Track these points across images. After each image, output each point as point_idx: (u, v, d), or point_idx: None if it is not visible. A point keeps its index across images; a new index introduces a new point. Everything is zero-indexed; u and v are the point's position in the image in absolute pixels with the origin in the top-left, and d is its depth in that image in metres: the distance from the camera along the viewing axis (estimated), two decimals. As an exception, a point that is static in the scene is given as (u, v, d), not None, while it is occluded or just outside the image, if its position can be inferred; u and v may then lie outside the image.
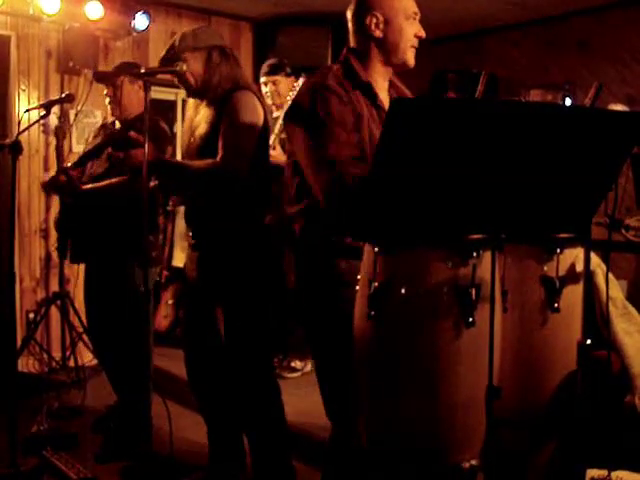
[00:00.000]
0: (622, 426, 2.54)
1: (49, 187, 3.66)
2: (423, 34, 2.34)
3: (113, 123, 3.77)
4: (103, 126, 3.91)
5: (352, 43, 2.39)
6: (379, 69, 2.37)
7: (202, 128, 2.82)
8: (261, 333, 2.89)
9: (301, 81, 4.22)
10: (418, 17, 2.34)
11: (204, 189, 2.84)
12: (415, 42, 2.34)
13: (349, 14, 2.39)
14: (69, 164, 3.72)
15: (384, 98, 2.39)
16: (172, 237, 5.04)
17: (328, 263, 2.29)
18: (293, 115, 2.32)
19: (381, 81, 2.39)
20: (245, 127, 2.75)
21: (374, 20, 2.30)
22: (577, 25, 5.83)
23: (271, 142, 3.82)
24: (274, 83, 4.34)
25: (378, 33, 2.31)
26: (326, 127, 2.17)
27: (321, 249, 2.30)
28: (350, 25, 2.39)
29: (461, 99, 2.32)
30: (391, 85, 2.46)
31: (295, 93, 4.18)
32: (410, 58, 2.35)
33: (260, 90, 4.01)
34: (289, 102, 4.18)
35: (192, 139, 2.89)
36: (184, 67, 2.79)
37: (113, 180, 3.42)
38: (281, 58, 4.56)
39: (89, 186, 3.51)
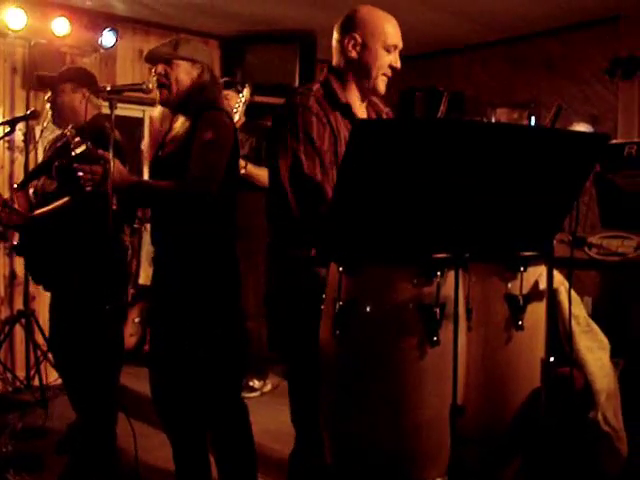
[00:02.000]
0: (586, 442, 2.56)
1: None
2: (398, 66, 2.37)
3: (64, 135, 3.44)
4: (56, 139, 3.67)
5: (333, 60, 2.42)
6: (355, 89, 2.40)
7: (176, 142, 2.80)
8: (229, 350, 2.87)
9: (246, 92, 4.25)
10: (398, 49, 2.37)
11: (170, 209, 2.82)
12: (388, 72, 2.37)
13: (334, 30, 2.41)
14: (15, 185, 3.61)
15: (361, 116, 2.41)
16: (139, 255, 5.01)
17: (309, 272, 2.29)
18: (276, 133, 2.34)
19: (359, 101, 2.42)
20: (215, 148, 2.72)
21: (352, 41, 2.34)
22: (542, 45, 5.94)
23: None
24: (226, 98, 4.39)
25: (354, 54, 2.34)
26: (305, 147, 2.22)
27: (300, 259, 2.32)
28: (333, 41, 2.42)
29: (423, 120, 2.35)
30: (369, 103, 2.49)
31: (240, 106, 4.20)
32: (380, 85, 2.37)
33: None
34: (235, 115, 4.22)
35: (161, 152, 2.87)
36: (150, 85, 2.78)
37: (58, 203, 3.27)
38: (234, 77, 4.60)
39: (35, 213, 3.35)
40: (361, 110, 2.43)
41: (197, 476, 3.02)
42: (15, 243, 3.54)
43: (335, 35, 2.40)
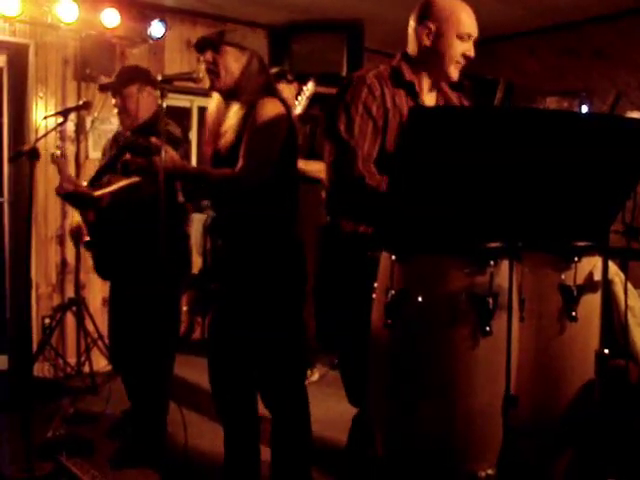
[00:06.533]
0: (640, 436, 2.52)
1: (65, 199, 3.59)
2: (472, 55, 2.37)
3: (123, 133, 3.66)
4: (115, 137, 3.78)
5: (408, 47, 2.44)
6: (426, 76, 2.42)
7: (231, 131, 2.79)
8: (292, 342, 2.86)
9: (310, 85, 4.25)
10: (473, 39, 2.37)
11: (224, 198, 2.83)
12: (461, 60, 2.37)
13: (410, 18, 2.43)
14: (85, 183, 3.66)
15: (429, 102, 2.44)
16: (187, 244, 5.04)
17: (358, 256, 2.31)
18: (329, 105, 2.41)
19: (427, 86, 2.44)
20: (268, 136, 2.71)
21: (426, 30, 2.35)
22: (593, 32, 5.82)
23: None
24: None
25: (427, 42, 2.36)
26: (349, 113, 2.29)
27: (352, 241, 2.35)
28: (409, 29, 2.43)
29: (478, 107, 2.32)
30: (439, 91, 2.50)
31: (304, 96, 4.21)
32: (453, 72, 2.38)
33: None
34: (297, 106, 4.22)
35: (220, 140, 2.83)
36: (200, 74, 2.79)
37: (122, 183, 3.30)
38: (282, 67, 4.60)
39: (99, 192, 3.38)
40: (429, 97, 2.46)
41: (246, 466, 3.02)
42: (87, 239, 3.58)
43: (411, 23, 2.42)
